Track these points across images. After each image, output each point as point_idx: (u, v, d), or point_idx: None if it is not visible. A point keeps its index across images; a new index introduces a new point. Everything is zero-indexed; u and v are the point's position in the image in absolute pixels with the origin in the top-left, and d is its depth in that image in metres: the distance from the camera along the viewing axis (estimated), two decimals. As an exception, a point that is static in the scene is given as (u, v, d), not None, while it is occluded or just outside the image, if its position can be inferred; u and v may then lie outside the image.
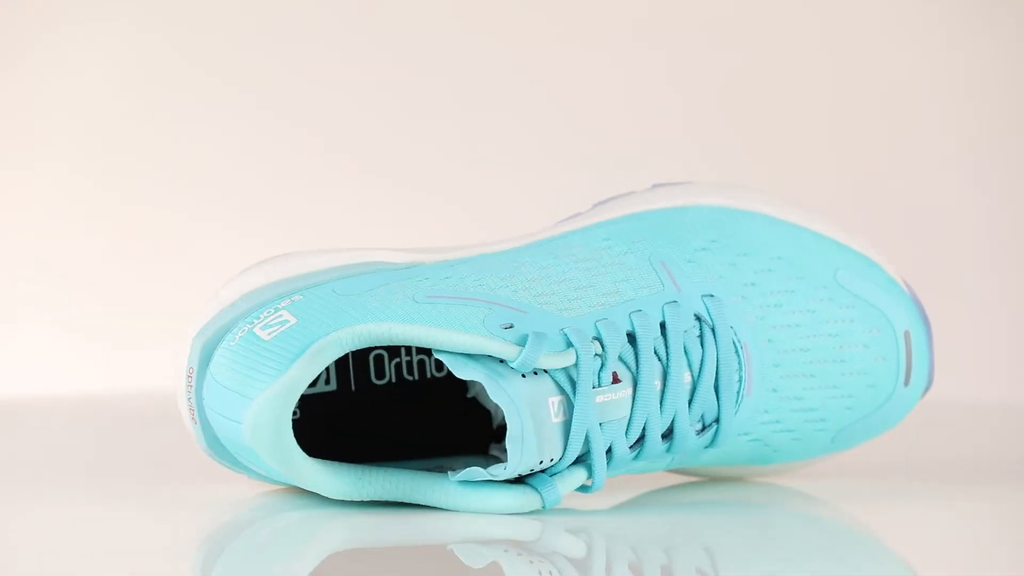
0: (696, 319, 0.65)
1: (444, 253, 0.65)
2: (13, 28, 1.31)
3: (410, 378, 0.69)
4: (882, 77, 1.32)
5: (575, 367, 0.61)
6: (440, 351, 0.60)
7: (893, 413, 0.68)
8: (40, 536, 0.59)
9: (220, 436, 0.61)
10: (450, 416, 0.69)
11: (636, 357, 0.63)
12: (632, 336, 0.63)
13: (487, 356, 0.60)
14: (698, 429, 0.65)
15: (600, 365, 0.61)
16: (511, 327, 0.61)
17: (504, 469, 0.60)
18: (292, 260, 0.64)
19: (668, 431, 0.64)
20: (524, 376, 0.60)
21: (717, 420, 0.65)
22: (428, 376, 0.69)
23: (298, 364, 0.59)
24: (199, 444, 0.63)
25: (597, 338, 0.62)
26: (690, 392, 0.64)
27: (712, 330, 0.65)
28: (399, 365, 0.69)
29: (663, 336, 0.63)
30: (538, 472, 0.61)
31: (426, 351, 0.68)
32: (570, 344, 0.61)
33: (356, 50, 1.32)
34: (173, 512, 0.64)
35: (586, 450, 0.61)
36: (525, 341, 0.60)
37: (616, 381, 0.62)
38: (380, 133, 1.32)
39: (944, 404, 0.75)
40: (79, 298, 1.31)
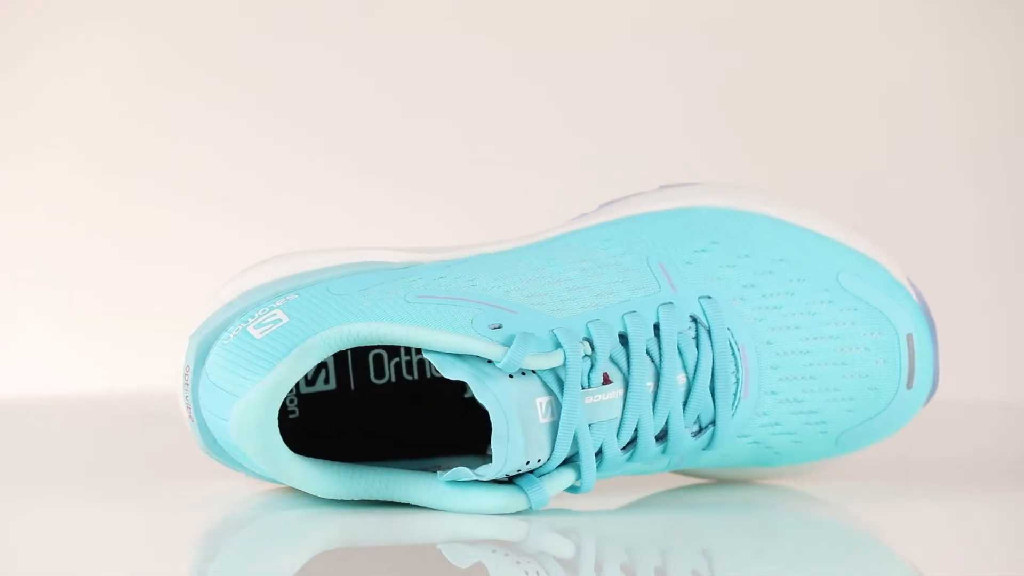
0: (692, 320, 0.64)
1: (443, 253, 0.65)
2: (13, 28, 1.31)
3: (410, 378, 0.69)
4: (882, 77, 1.32)
5: (563, 367, 0.61)
6: (428, 351, 0.60)
7: (897, 416, 0.68)
8: (40, 536, 0.59)
9: (215, 434, 0.61)
10: (449, 416, 0.69)
11: (627, 358, 0.62)
12: (624, 337, 0.63)
13: (475, 356, 0.60)
14: (694, 431, 0.64)
15: (590, 366, 0.61)
16: (500, 327, 0.61)
17: (490, 469, 0.60)
18: (292, 260, 0.64)
19: (663, 433, 0.63)
20: (511, 376, 0.60)
21: (713, 422, 0.64)
22: (428, 376, 0.69)
23: (284, 363, 0.59)
24: (197, 442, 0.63)
25: (587, 339, 0.62)
26: (685, 394, 0.64)
27: (708, 332, 0.64)
28: (399, 365, 0.69)
29: (656, 337, 0.63)
30: (526, 473, 0.61)
31: (426, 351, 0.68)
32: (559, 345, 0.61)
33: (356, 50, 1.32)
34: (173, 512, 0.64)
35: (575, 451, 0.61)
36: (512, 341, 0.60)
37: (607, 382, 0.62)
38: (380, 133, 1.32)
39: (944, 404, 0.75)
40: (79, 298, 1.31)
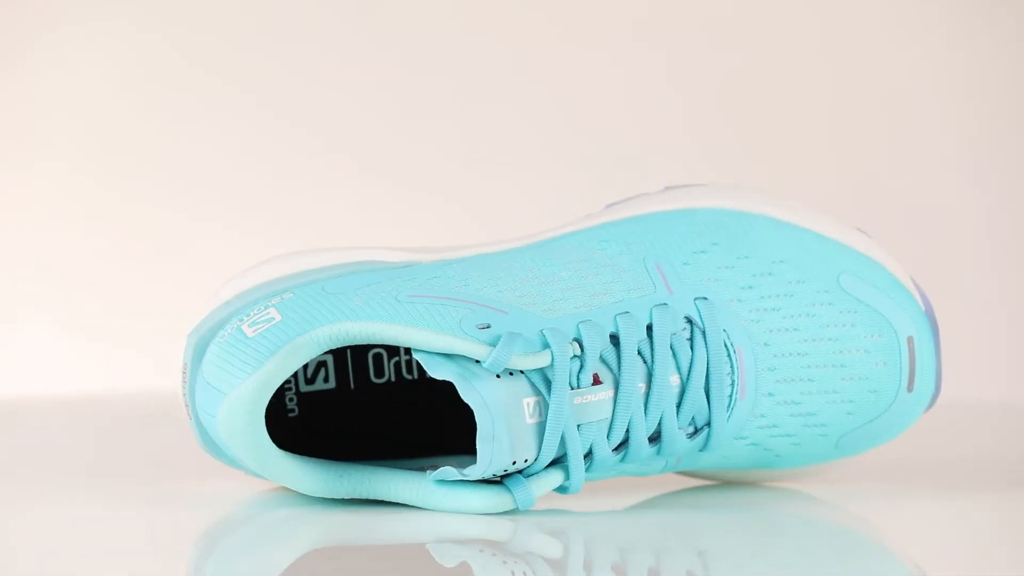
0: (687, 321, 0.64)
1: (442, 253, 0.65)
2: (13, 28, 1.31)
3: (409, 377, 0.69)
4: (882, 77, 1.32)
5: (551, 368, 0.60)
6: (417, 350, 0.60)
7: (897, 419, 0.68)
8: (40, 536, 0.59)
9: (210, 432, 0.61)
10: (449, 415, 0.69)
11: (618, 359, 0.62)
12: (616, 338, 0.62)
13: (462, 356, 0.60)
14: (689, 432, 0.64)
15: (579, 366, 0.61)
16: (488, 327, 0.60)
17: (476, 469, 0.60)
18: (291, 259, 0.64)
19: (656, 434, 0.63)
20: (499, 377, 0.60)
21: (709, 424, 0.64)
22: (427, 375, 0.69)
23: (272, 361, 0.59)
24: (196, 440, 0.63)
25: (577, 339, 0.61)
26: (679, 395, 0.63)
27: (703, 333, 0.64)
28: (398, 364, 0.69)
29: (649, 338, 0.63)
30: (514, 473, 0.61)
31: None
32: (547, 345, 0.60)
33: (356, 50, 1.32)
34: (172, 512, 0.64)
35: (563, 452, 0.61)
36: (499, 341, 0.60)
37: (597, 383, 0.61)
38: (380, 133, 1.32)
39: (944, 404, 0.75)
40: (79, 298, 1.31)
